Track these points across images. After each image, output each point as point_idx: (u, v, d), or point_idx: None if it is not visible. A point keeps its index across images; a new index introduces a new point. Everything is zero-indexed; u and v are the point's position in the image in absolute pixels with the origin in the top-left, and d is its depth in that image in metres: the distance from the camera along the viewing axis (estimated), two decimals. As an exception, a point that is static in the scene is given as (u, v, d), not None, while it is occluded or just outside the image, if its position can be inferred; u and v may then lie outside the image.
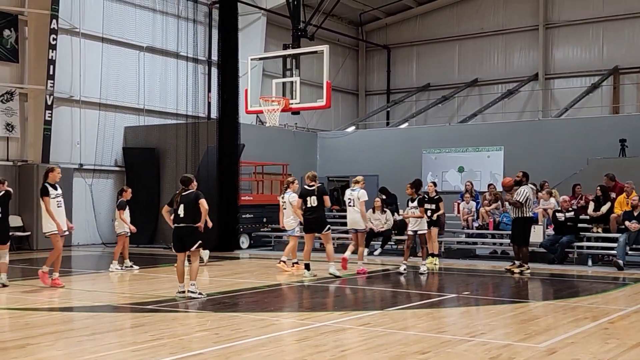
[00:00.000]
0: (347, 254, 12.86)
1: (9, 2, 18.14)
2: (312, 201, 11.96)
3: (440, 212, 14.22)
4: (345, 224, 14.37)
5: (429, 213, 14.00)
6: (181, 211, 9.32)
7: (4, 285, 10.44)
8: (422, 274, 12.50)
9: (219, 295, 9.85)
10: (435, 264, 13.97)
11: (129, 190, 13.60)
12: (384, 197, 17.25)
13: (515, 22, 26.86)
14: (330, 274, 11.91)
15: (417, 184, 12.71)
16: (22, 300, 9.36)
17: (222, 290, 10.41)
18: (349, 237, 15.73)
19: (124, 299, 9.56)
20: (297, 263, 13.01)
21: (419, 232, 12.64)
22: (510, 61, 27.11)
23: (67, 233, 11.01)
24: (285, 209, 13.01)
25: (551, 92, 26.29)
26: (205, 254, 13.58)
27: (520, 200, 12.67)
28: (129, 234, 13.29)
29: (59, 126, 18.90)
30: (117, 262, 13.05)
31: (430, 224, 14.06)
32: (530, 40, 26.67)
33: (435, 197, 14.11)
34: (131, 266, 13.15)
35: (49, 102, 18.16)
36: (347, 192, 13.04)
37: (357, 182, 12.93)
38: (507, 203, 14.63)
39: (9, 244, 10.85)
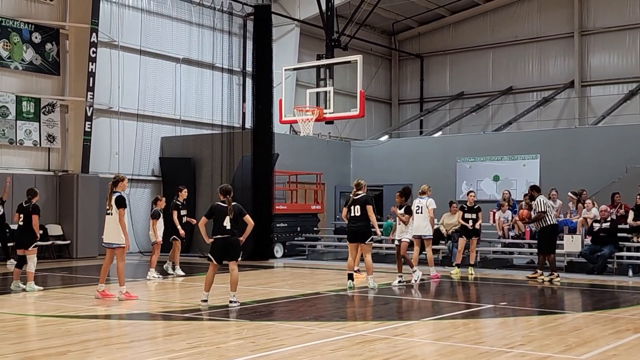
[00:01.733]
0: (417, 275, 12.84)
1: (51, 17, 18.62)
2: (356, 210, 11.44)
3: (479, 221, 14.14)
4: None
5: (470, 223, 13.92)
6: (227, 223, 9.25)
7: (24, 290, 10.77)
8: (372, 288, 11.47)
9: (255, 304, 9.92)
10: (471, 274, 13.91)
11: (163, 199, 13.73)
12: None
13: (550, 29, 26.56)
14: (368, 287, 11.64)
15: (406, 193, 12.50)
16: (63, 308, 9.56)
17: (257, 299, 10.48)
18: (392, 246, 15.71)
19: (162, 307, 9.69)
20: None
21: (402, 240, 12.39)
22: (546, 69, 26.80)
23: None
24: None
25: (588, 99, 25.90)
26: None
27: (542, 210, 12.71)
28: (159, 240, 13.34)
29: (98, 137, 19.30)
30: (154, 270, 13.22)
31: (472, 233, 13.98)
32: (566, 48, 26.34)
33: (475, 207, 14.07)
34: (173, 271, 13.34)
35: (89, 114, 18.56)
36: (416, 200, 13.20)
37: (424, 191, 13.14)
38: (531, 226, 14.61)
39: (34, 249, 11.03)
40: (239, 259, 9.42)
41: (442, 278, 13.46)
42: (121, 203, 10.12)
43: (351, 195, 11.71)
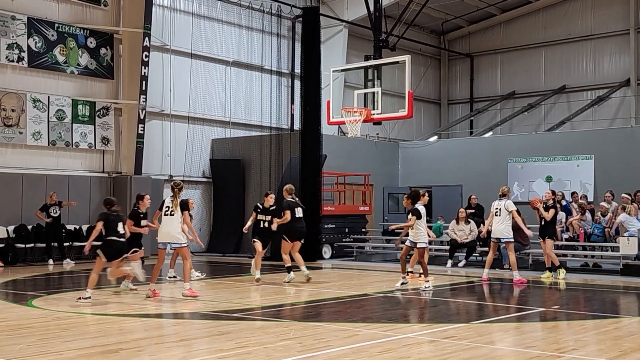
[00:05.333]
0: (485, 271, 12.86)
1: (105, 22, 19.12)
2: (299, 212, 12.63)
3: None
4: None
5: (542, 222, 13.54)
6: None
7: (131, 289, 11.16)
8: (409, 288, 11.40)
9: (303, 305, 9.96)
10: (561, 278, 13.37)
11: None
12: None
13: (604, 26, 25.87)
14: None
15: (414, 196, 11.75)
16: (116, 307, 9.79)
17: (305, 299, 10.51)
18: (442, 248, 15.50)
19: (211, 307, 9.82)
20: (411, 272, 12.88)
21: (418, 245, 11.69)
22: (600, 67, 26.10)
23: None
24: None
25: (645, 98, 25.13)
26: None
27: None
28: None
29: (150, 139, 19.71)
30: (193, 270, 13.27)
31: (544, 233, 13.52)
32: (621, 45, 25.59)
33: (550, 205, 13.62)
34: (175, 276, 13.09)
35: (142, 116, 18.97)
36: (495, 202, 12.97)
37: (504, 194, 12.92)
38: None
39: (134, 254, 11.12)
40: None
41: (493, 281, 13.23)
42: (185, 206, 10.60)
43: (294, 200, 12.68)
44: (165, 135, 20.46)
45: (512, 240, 12.93)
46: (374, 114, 16.78)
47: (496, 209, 12.83)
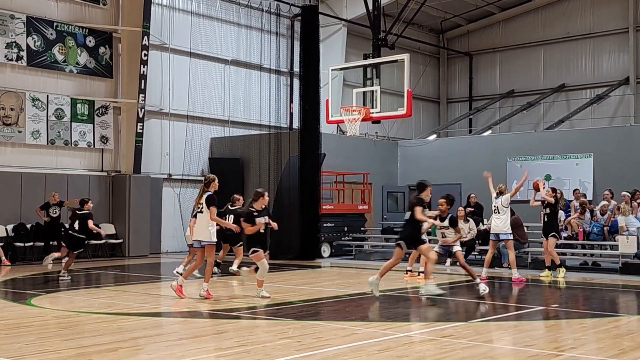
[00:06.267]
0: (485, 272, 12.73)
1: (104, 21, 19.10)
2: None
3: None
4: (428, 234, 14.21)
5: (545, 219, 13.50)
6: None
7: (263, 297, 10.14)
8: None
9: (301, 304, 9.96)
10: (560, 277, 13.29)
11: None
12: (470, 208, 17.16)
13: (603, 25, 25.86)
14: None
15: (451, 200, 11.44)
16: (115, 305, 9.78)
17: (304, 298, 10.51)
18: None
19: (210, 306, 9.82)
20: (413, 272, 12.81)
21: (456, 251, 11.40)
22: (599, 65, 26.10)
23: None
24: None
25: (644, 96, 25.14)
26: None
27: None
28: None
29: (149, 138, 19.70)
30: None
31: (546, 231, 13.42)
32: (621, 43, 25.59)
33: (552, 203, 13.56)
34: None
35: (140, 115, 18.96)
36: (493, 200, 12.98)
37: (501, 191, 12.92)
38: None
39: (254, 254, 10.18)
40: None
41: (491, 279, 13.24)
42: (212, 201, 10.26)
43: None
44: (164, 134, 20.45)
45: (512, 237, 12.90)
46: (372, 113, 16.79)
47: (494, 206, 12.87)
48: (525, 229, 16.11)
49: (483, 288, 10.79)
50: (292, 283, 12.66)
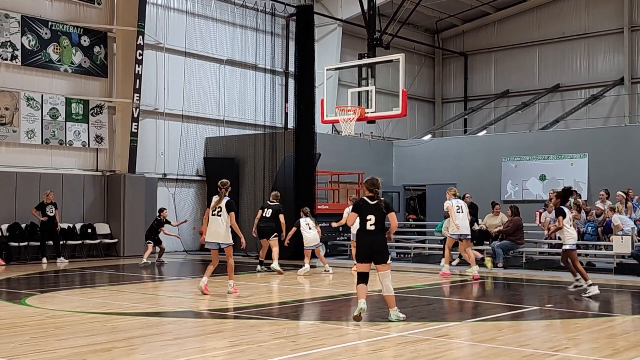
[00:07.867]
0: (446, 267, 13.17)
1: (99, 21, 19.05)
2: (268, 212, 14.24)
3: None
4: (422, 234, 14.33)
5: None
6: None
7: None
8: None
9: (296, 303, 9.95)
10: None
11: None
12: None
13: (598, 25, 25.93)
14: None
15: (566, 195, 11.12)
16: (109, 305, 9.76)
17: (298, 298, 10.51)
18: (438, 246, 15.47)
19: (205, 305, 9.82)
20: None
21: (564, 247, 11.10)
22: (594, 65, 26.17)
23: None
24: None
25: (638, 96, 25.19)
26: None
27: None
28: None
29: (144, 137, 19.66)
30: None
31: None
32: (615, 44, 25.67)
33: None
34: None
35: (135, 115, 18.92)
36: (454, 201, 13.54)
37: (455, 193, 13.74)
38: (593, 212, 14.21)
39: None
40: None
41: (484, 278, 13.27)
42: (232, 207, 10.60)
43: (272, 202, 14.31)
44: (159, 134, 20.41)
45: (469, 237, 13.62)
46: (368, 113, 16.77)
47: (457, 206, 13.36)
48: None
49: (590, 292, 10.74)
50: (287, 283, 12.66)
